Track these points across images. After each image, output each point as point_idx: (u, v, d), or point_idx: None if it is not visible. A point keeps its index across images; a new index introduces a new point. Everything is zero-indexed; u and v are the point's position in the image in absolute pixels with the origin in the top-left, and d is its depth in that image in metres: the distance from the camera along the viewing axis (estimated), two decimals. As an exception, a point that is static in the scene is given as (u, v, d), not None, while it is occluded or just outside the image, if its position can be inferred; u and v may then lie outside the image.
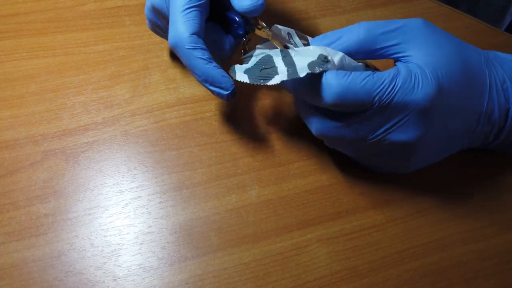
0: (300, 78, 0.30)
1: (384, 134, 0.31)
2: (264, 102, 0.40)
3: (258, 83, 0.32)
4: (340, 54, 0.31)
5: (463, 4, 0.62)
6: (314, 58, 0.30)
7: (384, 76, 0.30)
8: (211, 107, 0.39)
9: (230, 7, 0.33)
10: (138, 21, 0.44)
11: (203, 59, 0.32)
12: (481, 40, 0.46)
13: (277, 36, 0.34)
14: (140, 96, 0.40)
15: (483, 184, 0.37)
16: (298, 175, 0.37)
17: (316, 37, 0.33)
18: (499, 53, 0.35)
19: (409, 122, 0.31)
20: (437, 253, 0.34)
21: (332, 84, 0.30)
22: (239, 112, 0.39)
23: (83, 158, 0.36)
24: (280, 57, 0.32)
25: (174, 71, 0.41)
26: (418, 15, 0.47)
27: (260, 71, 0.33)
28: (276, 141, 0.38)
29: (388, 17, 0.47)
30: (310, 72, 0.30)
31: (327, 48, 0.31)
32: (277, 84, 0.32)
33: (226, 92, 0.33)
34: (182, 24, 0.31)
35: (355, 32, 0.31)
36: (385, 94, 0.30)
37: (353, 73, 0.30)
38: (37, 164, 0.35)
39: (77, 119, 0.38)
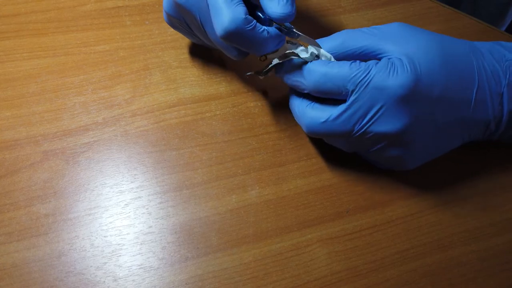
0: (290, 69, 0.34)
1: (367, 125, 0.32)
2: (264, 102, 0.40)
3: (262, 76, 0.35)
4: (329, 55, 0.34)
5: (464, 2, 0.62)
6: (308, 55, 0.34)
7: (361, 64, 0.32)
8: (211, 108, 0.39)
9: (260, 5, 0.34)
10: (139, 21, 0.44)
11: (264, 32, 0.32)
12: (481, 40, 0.46)
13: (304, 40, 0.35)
14: (140, 96, 0.40)
15: (483, 184, 0.37)
16: (298, 175, 0.37)
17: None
18: (487, 42, 0.36)
19: (390, 111, 0.31)
20: (437, 253, 0.34)
21: (312, 70, 0.32)
22: (239, 112, 0.39)
23: (83, 158, 0.36)
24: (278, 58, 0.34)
25: (175, 72, 0.41)
26: (418, 15, 0.47)
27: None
28: (277, 141, 0.38)
29: (388, 17, 0.47)
30: (301, 57, 0.33)
31: (321, 50, 0.34)
32: (274, 75, 0.35)
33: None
34: (235, 9, 0.31)
35: (335, 38, 0.34)
36: (359, 80, 0.31)
37: (332, 61, 0.33)
38: (37, 165, 0.35)
39: (77, 119, 0.38)
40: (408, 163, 0.35)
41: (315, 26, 0.46)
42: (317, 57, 0.34)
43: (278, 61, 0.34)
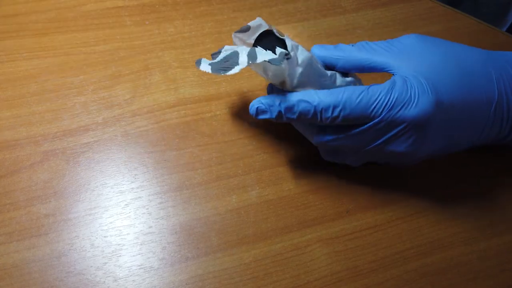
0: (297, 103, 0.31)
1: (382, 145, 0.32)
2: (265, 103, 0.40)
3: (219, 74, 0.33)
4: (308, 54, 0.32)
5: (465, 2, 0.62)
6: (276, 55, 0.31)
7: (380, 90, 0.30)
8: (212, 108, 0.39)
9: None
10: (139, 21, 0.44)
11: None
12: (481, 40, 0.46)
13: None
14: (140, 96, 0.40)
15: (484, 184, 0.37)
16: (298, 175, 0.37)
17: (317, 45, 0.34)
18: (504, 52, 0.35)
19: (408, 134, 0.31)
20: (437, 253, 0.34)
21: (329, 103, 0.30)
22: (240, 112, 0.39)
23: (83, 158, 0.36)
24: (245, 52, 0.32)
25: (175, 72, 0.41)
26: (418, 15, 0.47)
27: (224, 63, 0.33)
28: (277, 141, 0.38)
29: (389, 17, 0.47)
30: (267, 60, 0.30)
31: (299, 47, 0.32)
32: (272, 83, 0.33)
33: None
34: None
35: (350, 50, 0.33)
36: (381, 108, 0.30)
37: (347, 89, 0.31)
38: (37, 165, 0.35)
39: (77, 119, 0.38)
40: (411, 163, 0.35)
41: (315, 26, 0.46)
42: (287, 55, 0.31)
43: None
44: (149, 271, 0.32)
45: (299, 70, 0.32)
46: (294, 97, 0.31)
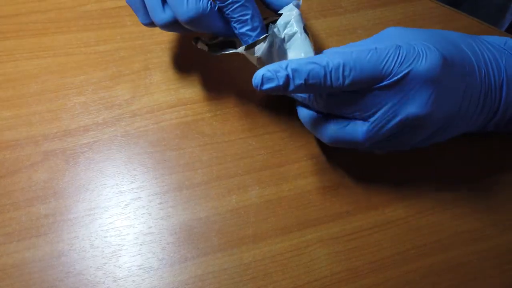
0: (305, 65, 0.30)
1: (396, 107, 0.30)
2: (265, 103, 0.40)
3: (214, 54, 0.36)
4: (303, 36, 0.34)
5: (464, 3, 0.62)
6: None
7: (388, 48, 0.30)
8: (212, 108, 0.39)
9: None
10: (139, 21, 0.44)
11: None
12: (482, 41, 0.46)
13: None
14: (140, 96, 0.40)
15: (484, 184, 0.37)
16: (298, 175, 0.37)
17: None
18: (481, 36, 0.37)
19: (422, 90, 0.30)
20: (437, 254, 0.34)
21: (339, 62, 0.30)
22: (240, 112, 0.39)
23: (83, 158, 0.36)
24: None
25: (175, 72, 0.41)
26: (418, 15, 0.47)
27: (220, 45, 0.36)
28: (277, 141, 0.38)
29: (389, 17, 0.47)
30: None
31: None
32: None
33: (254, 33, 0.34)
34: None
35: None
36: (392, 65, 0.30)
37: (355, 50, 0.30)
38: (37, 165, 0.35)
39: (77, 119, 0.38)
40: (422, 144, 0.34)
41: (315, 26, 0.45)
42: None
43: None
44: (148, 272, 0.32)
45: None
46: (301, 60, 0.30)
